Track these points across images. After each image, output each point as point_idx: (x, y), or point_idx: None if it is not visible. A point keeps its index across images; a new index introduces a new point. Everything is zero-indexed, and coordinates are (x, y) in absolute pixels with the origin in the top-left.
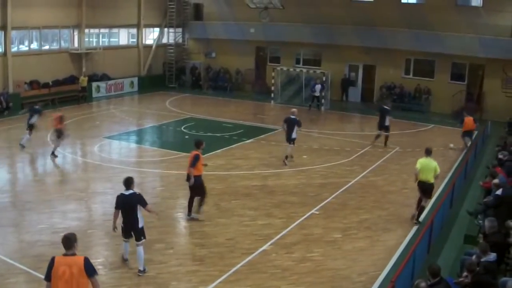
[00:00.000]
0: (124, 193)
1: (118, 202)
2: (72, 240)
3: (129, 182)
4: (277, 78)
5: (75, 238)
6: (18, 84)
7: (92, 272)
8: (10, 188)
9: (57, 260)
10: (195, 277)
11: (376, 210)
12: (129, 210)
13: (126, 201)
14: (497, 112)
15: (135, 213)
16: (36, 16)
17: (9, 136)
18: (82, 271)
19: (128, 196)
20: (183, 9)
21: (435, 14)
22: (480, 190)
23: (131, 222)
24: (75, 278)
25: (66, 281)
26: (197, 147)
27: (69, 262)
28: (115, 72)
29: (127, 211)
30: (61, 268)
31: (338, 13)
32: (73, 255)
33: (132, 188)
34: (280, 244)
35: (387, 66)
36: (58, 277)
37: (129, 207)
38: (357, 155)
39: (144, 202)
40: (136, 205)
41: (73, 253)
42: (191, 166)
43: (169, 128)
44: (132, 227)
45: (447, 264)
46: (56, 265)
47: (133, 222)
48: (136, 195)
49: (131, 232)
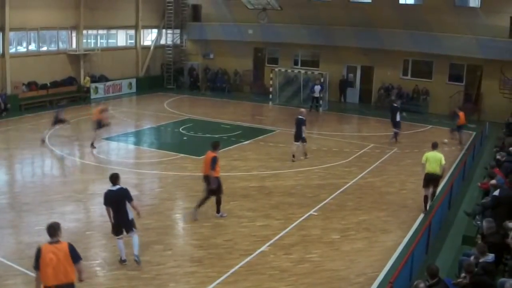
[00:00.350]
0: (112, 189)
1: (107, 199)
2: (56, 228)
3: (115, 178)
4: (275, 79)
5: (58, 226)
6: (16, 85)
7: (77, 258)
8: (8, 190)
9: (44, 248)
10: (194, 278)
11: (374, 211)
12: (119, 205)
13: (115, 196)
14: (495, 113)
15: (124, 207)
16: (34, 17)
17: (7, 137)
18: (68, 256)
19: (116, 191)
20: (181, 10)
21: (433, 15)
22: (478, 191)
23: (121, 216)
24: (62, 263)
25: (54, 267)
26: (214, 148)
27: (55, 249)
28: (113, 73)
29: (117, 206)
30: (48, 255)
31: (336, 14)
32: (58, 242)
33: (119, 183)
34: (278, 245)
35: (385, 67)
36: (46, 264)
37: (118, 202)
38: (355, 156)
39: (131, 197)
40: (124, 199)
41: (57, 240)
42: (212, 169)
43: (167, 129)
44: (123, 221)
45: (446, 265)
46: (44, 253)
47: (124, 215)
48: (123, 189)
49: (122, 228)
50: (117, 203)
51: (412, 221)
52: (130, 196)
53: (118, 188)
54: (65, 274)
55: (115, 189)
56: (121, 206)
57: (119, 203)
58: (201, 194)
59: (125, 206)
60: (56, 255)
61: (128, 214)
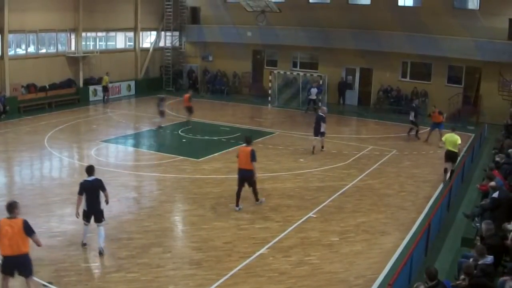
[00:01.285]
0: (88, 179)
1: (82, 188)
2: (14, 206)
3: (91, 169)
4: (274, 82)
5: (16, 205)
6: (15, 87)
7: (30, 232)
8: (7, 192)
9: (2, 222)
10: (193, 281)
11: (373, 213)
12: (93, 194)
13: (91, 186)
14: (493, 115)
15: (98, 197)
16: (33, 19)
17: (6, 139)
18: (21, 230)
19: (91, 181)
20: (180, 13)
21: (431, 17)
22: (477, 193)
23: (94, 204)
24: (16, 236)
25: (10, 238)
26: (249, 143)
27: (11, 223)
28: (112, 76)
29: (91, 195)
30: (5, 228)
31: (335, 16)
32: (14, 218)
33: (94, 175)
34: (277, 247)
35: (384, 69)
36: (3, 236)
37: (93, 191)
38: (354, 158)
39: (104, 187)
40: (98, 189)
41: (14, 216)
42: (253, 161)
43: (166, 131)
44: (94, 209)
45: (445, 267)
46: (1, 226)
47: (96, 204)
48: (98, 180)
49: (92, 215)
50: (91, 192)
51: (411, 223)
52: (104, 186)
53: (93, 179)
54: (18, 246)
55: (90, 179)
56: (95, 196)
57: (93, 192)
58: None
59: (98, 197)
60: (12, 228)
61: (100, 204)
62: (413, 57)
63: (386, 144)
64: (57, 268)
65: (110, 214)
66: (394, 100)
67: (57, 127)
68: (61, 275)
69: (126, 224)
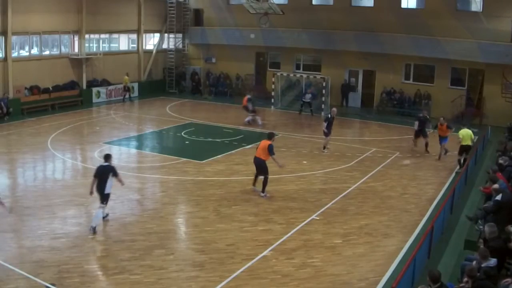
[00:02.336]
0: (102, 164)
1: (96, 171)
2: None
3: (108, 157)
4: (277, 84)
5: None
6: (18, 89)
7: None
8: (10, 194)
9: None
10: (195, 283)
11: (376, 215)
12: (102, 178)
13: (103, 170)
14: (497, 117)
15: (105, 181)
16: (36, 21)
17: (9, 141)
18: None
19: (104, 166)
20: (183, 15)
21: (434, 19)
22: (480, 195)
23: (101, 187)
24: None
25: None
26: (270, 138)
27: None
28: (115, 78)
29: (100, 178)
30: None
31: (338, 18)
32: None
33: (110, 162)
34: (280, 250)
35: (387, 71)
36: None
37: (102, 175)
38: (357, 160)
39: (116, 172)
40: (109, 173)
41: None
42: (272, 154)
43: (169, 133)
44: (100, 191)
45: (448, 270)
46: None
47: (102, 187)
48: (111, 166)
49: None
50: (101, 176)
51: (414, 225)
52: (116, 172)
53: (107, 165)
54: None
55: (105, 165)
56: (103, 180)
57: (103, 176)
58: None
59: (105, 181)
60: None
61: (106, 188)
62: (416, 59)
63: (389, 146)
64: (60, 270)
65: (113, 216)
66: (397, 103)
67: (60, 129)
68: (64, 276)
69: (129, 226)
